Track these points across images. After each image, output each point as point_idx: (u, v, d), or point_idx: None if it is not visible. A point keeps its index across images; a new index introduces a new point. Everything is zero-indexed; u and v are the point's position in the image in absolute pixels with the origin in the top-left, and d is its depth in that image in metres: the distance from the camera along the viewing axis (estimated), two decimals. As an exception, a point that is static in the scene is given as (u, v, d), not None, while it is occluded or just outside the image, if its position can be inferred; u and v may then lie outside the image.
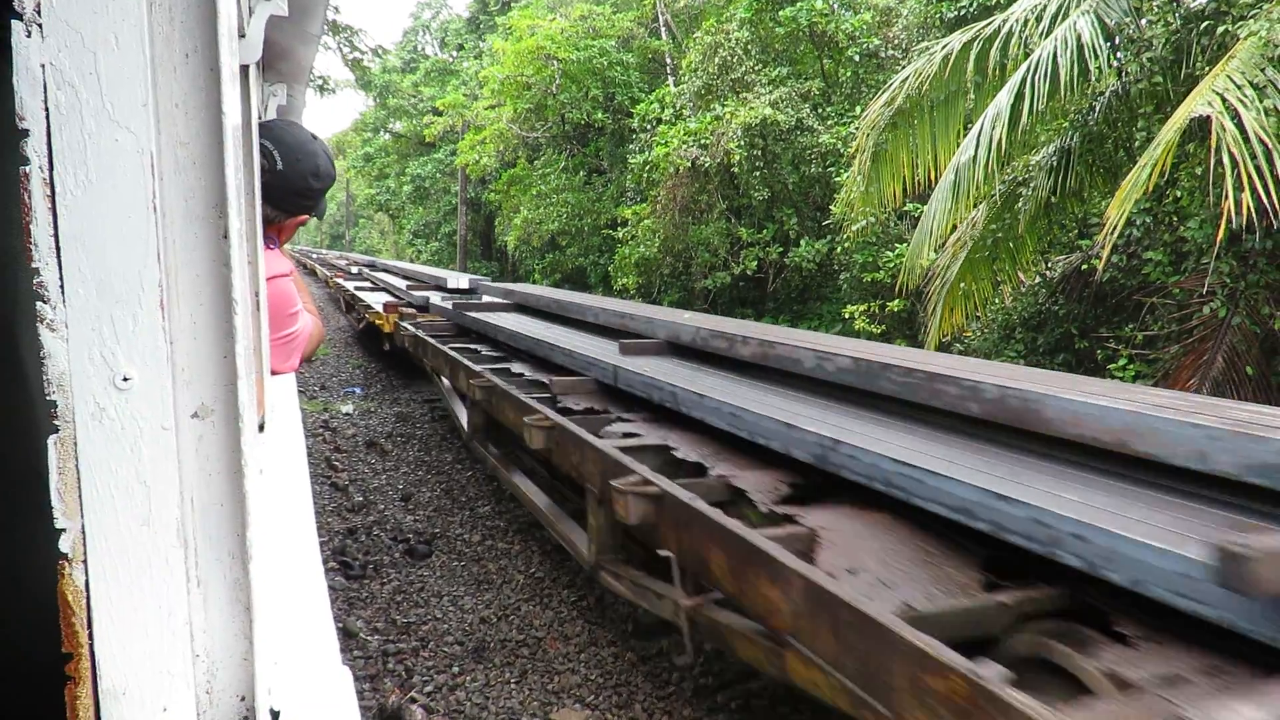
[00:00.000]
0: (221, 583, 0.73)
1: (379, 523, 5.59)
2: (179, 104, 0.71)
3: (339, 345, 14.16)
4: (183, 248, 0.71)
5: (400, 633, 4.11)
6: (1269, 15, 5.11)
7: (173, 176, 0.71)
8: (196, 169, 0.72)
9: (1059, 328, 8.31)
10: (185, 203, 0.72)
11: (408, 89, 33.85)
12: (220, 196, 0.72)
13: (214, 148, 0.72)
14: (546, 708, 3.46)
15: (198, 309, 0.72)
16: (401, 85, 34.22)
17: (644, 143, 16.51)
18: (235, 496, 0.73)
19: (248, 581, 0.73)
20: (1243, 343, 5.86)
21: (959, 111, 7.85)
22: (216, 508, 0.72)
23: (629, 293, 15.73)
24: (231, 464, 0.72)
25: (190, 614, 0.71)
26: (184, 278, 0.71)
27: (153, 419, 0.68)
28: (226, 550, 0.73)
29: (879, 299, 10.99)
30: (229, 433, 0.72)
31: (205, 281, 0.72)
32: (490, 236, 29.59)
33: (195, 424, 0.71)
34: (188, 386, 0.71)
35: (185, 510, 0.71)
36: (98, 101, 0.66)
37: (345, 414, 8.86)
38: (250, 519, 0.73)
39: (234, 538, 0.73)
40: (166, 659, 0.69)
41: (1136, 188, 5.08)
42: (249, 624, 0.74)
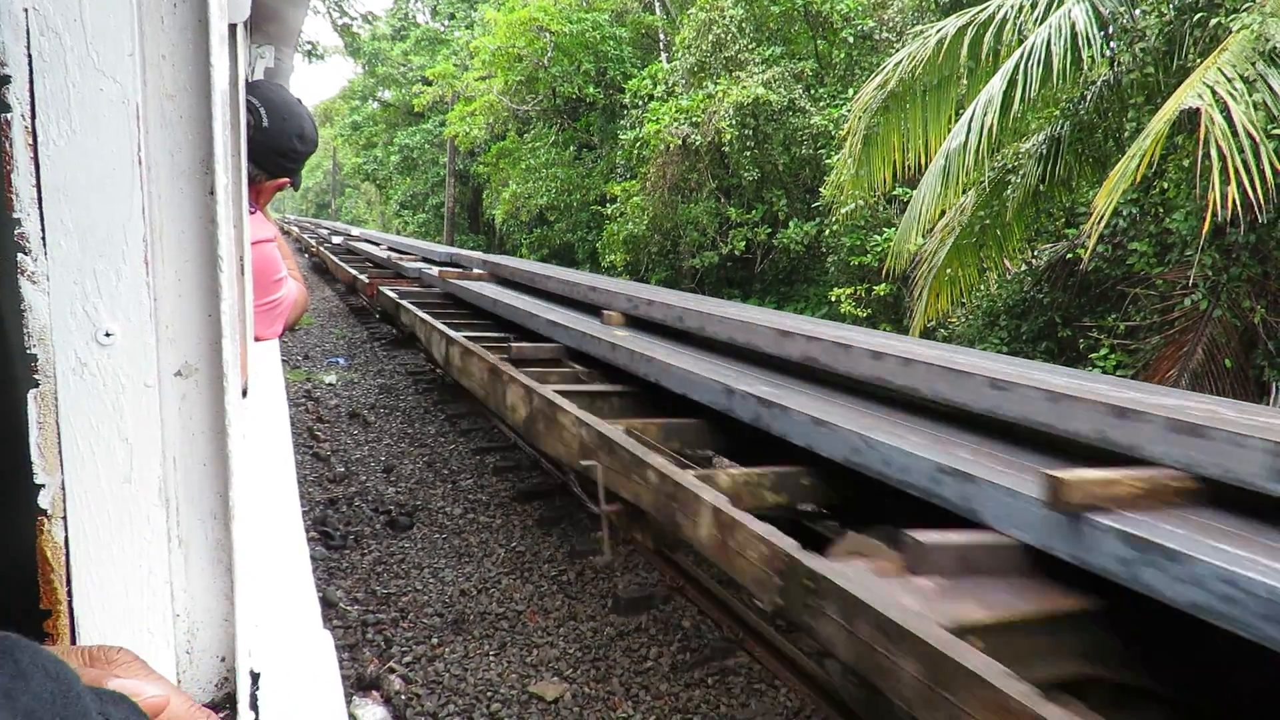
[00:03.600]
0: (203, 543, 0.72)
1: (360, 494, 5.58)
2: (166, 55, 0.69)
3: (323, 315, 14.07)
4: (168, 203, 0.70)
5: (380, 603, 4.11)
6: (1261, 8, 5.12)
7: (159, 130, 0.70)
8: (184, 123, 0.70)
9: (1043, 316, 8.36)
10: (171, 157, 0.70)
11: (397, 57, 33.44)
12: (208, 152, 0.71)
13: (202, 102, 0.70)
14: (525, 680, 3.48)
15: (183, 266, 0.70)
16: (391, 53, 33.79)
17: (635, 119, 16.40)
18: (218, 457, 0.72)
19: (230, 543, 0.72)
20: (1222, 335, 5.92)
21: (951, 97, 7.84)
22: (199, 467, 0.71)
23: (616, 270, 15.69)
24: (215, 424, 0.72)
25: (171, 573, 0.70)
26: (169, 233, 0.70)
27: (135, 376, 0.67)
28: (209, 510, 0.72)
29: (865, 283, 11.02)
30: (213, 392, 0.71)
31: (191, 238, 0.71)
32: (478, 209, 29.40)
33: (179, 382, 0.70)
34: (172, 344, 0.70)
35: (167, 469, 0.70)
36: (82, 49, 0.65)
37: (328, 384, 8.81)
38: (233, 480, 0.72)
39: (216, 498, 0.72)
40: (146, 618, 0.68)
41: (1124, 178, 5.10)
42: (230, 585, 0.73)
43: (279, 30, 2.25)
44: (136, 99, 0.67)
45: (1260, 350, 5.87)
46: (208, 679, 0.74)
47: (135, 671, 0.52)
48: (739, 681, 3.46)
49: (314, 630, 0.87)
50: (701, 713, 3.28)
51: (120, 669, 0.53)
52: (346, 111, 41.04)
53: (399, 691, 3.33)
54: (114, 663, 0.53)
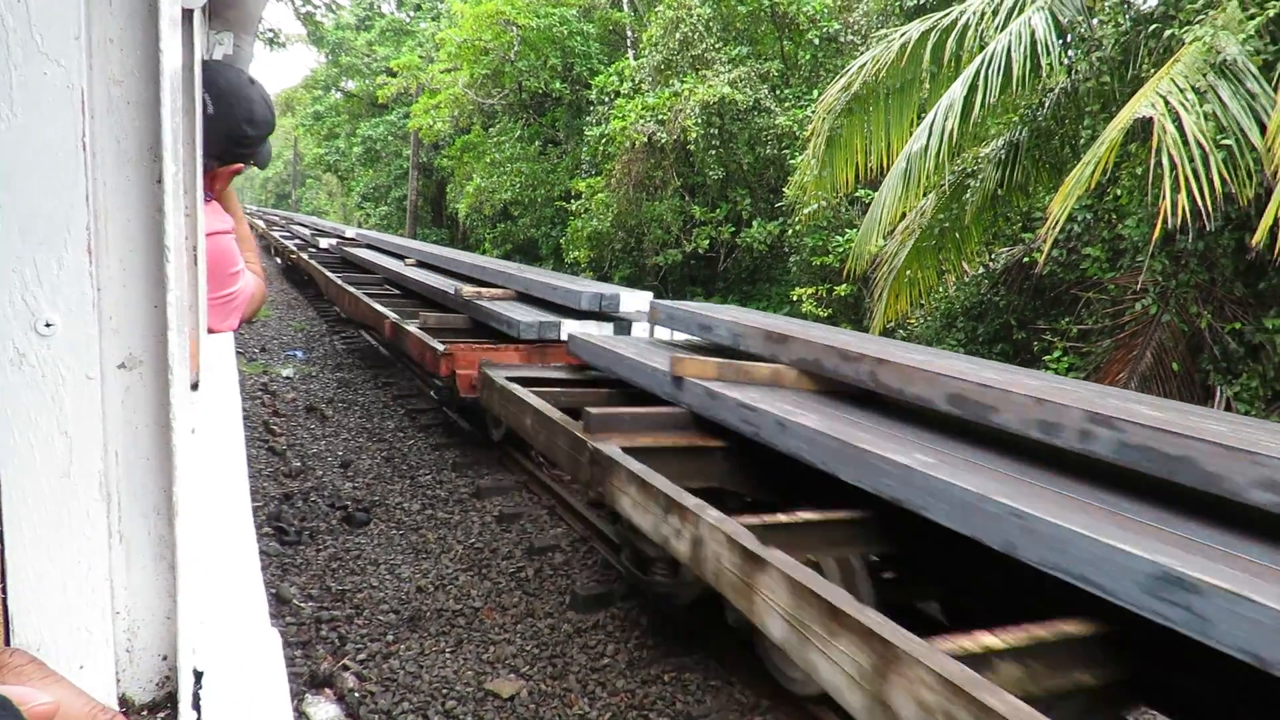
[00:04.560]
0: (145, 539, 0.71)
1: (317, 489, 5.51)
2: (114, 39, 0.68)
3: (280, 307, 13.86)
4: (114, 191, 0.68)
5: (335, 600, 4.07)
6: (1213, 22, 5.25)
7: (105, 116, 0.68)
8: (131, 109, 0.69)
9: (999, 318, 8.50)
10: (118, 143, 0.69)
11: (361, 47, 32.99)
12: (155, 139, 0.69)
13: (150, 87, 0.69)
14: (481, 677, 3.47)
15: (128, 255, 0.69)
16: (355, 43, 33.33)
17: (601, 115, 16.36)
18: (162, 451, 0.70)
19: (173, 539, 0.71)
20: (1171, 340, 6.07)
21: (914, 100, 7.93)
22: (143, 462, 0.70)
23: (580, 266, 15.66)
24: (159, 417, 0.70)
25: (111, 570, 0.69)
26: (114, 222, 0.68)
27: (76, 368, 0.65)
28: (151, 506, 0.70)
29: (827, 283, 11.12)
30: (158, 385, 0.70)
31: (137, 227, 0.69)
32: (441, 203, 29.14)
33: (122, 375, 0.69)
34: (115, 335, 0.68)
35: (109, 463, 0.68)
36: (25, 31, 0.63)
37: (285, 377, 8.68)
38: (178, 475, 0.71)
39: (160, 493, 0.71)
40: (84, 615, 0.67)
41: (1079, 184, 5.20)
42: (173, 582, 0.72)
43: (238, 16, 2.21)
44: (82, 83, 0.65)
45: (1206, 355, 6.03)
46: (148, 678, 0.73)
47: (28, 676, 0.51)
48: (695, 679, 3.48)
49: (261, 628, 0.86)
50: (658, 709, 3.29)
51: (10, 674, 0.51)
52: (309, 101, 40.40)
53: (352, 689, 3.30)
54: (4, 667, 0.51)
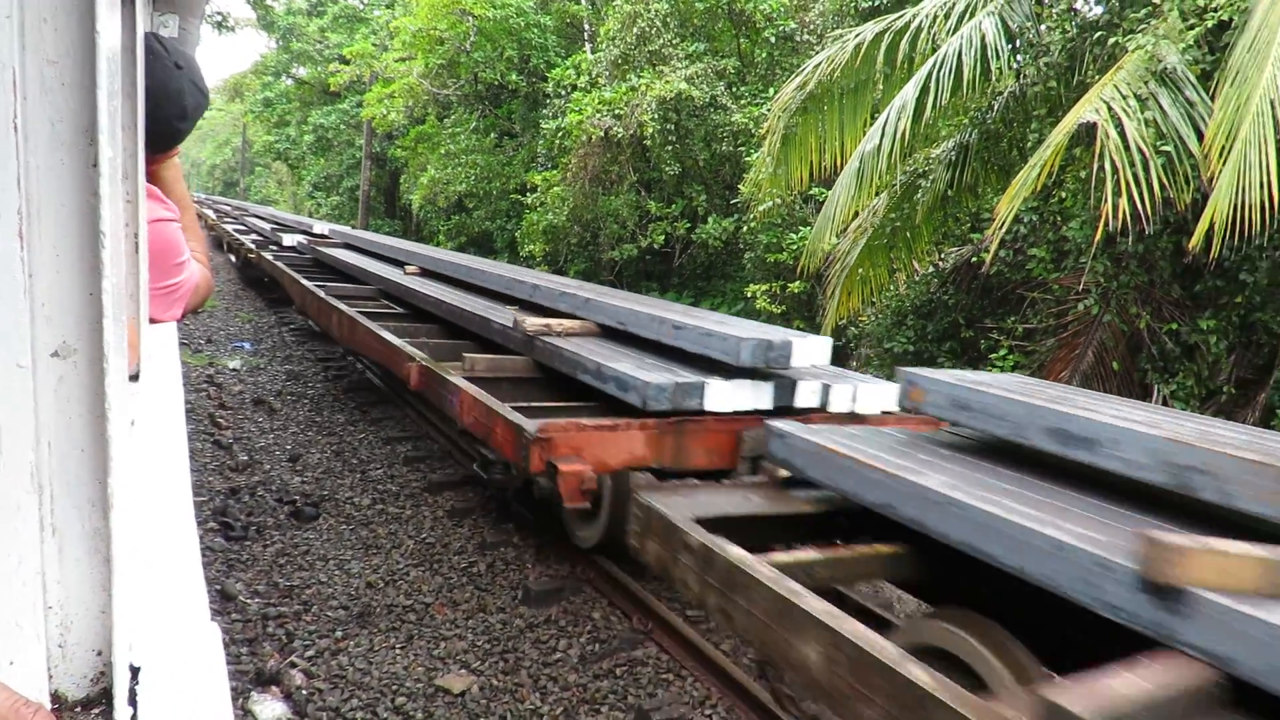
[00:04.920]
0: (79, 532, 0.69)
1: (264, 483, 5.41)
2: (47, 19, 0.66)
3: (227, 297, 13.58)
4: (47, 175, 0.66)
5: (282, 596, 4.00)
6: (1155, 31, 5.40)
7: (38, 97, 0.66)
8: (65, 90, 0.67)
9: (948, 316, 8.66)
10: (51, 126, 0.67)
11: (313, 33, 32.36)
12: (90, 122, 0.67)
13: (85, 69, 0.67)
14: (431, 673, 3.44)
15: (61, 241, 0.67)
16: (307, 29, 32.69)
17: (558, 109, 16.28)
18: (98, 442, 0.69)
19: (108, 531, 0.69)
20: (1111, 339, 6.24)
21: (867, 100, 8.02)
22: (76, 453, 0.68)
23: (535, 260, 15.58)
24: (94, 407, 0.68)
25: (43, 564, 0.67)
26: (47, 207, 0.66)
27: (7, 356, 0.63)
28: (86, 498, 0.69)
29: (781, 280, 11.20)
30: (93, 375, 0.68)
31: (71, 212, 0.67)
32: (395, 194, 28.74)
33: (55, 363, 0.67)
34: (48, 323, 0.66)
35: (41, 454, 0.66)
36: (-48, 8, 0.61)
37: (232, 369, 8.51)
38: (114, 467, 0.69)
39: (95, 485, 0.69)
40: (14, 610, 0.65)
41: (1026, 186, 5.31)
42: (108, 576, 0.70)
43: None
44: (14, 63, 0.63)
45: (1144, 354, 6.21)
46: (82, 673, 0.71)
47: None
48: (646, 672, 3.49)
49: (201, 623, 0.84)
50: (609, 703, 3.30)
51: None
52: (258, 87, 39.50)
53: (300, 686, 3.25)
54: None
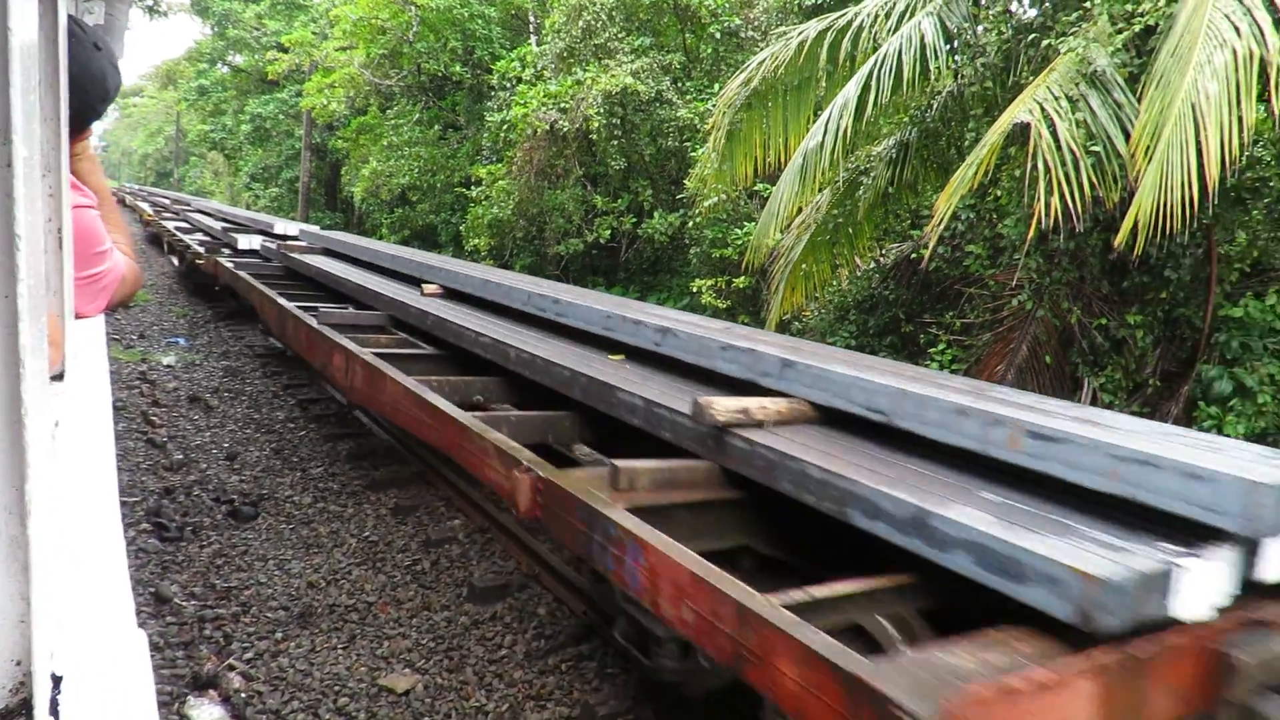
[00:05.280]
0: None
1: (200, 482, 5.29)
2: (-45, 13, 0.64)
3: (161, 291, 13.20)
4: (-43, 174, 0.64)
5: (220, 598, 3.92)
6: (1085, 34, 5.56)
7: (-54, 95, 0.64)
8: (-24, 86, 0.65)
9: (888, 312, 8.82)
10: (-39, 125, 0.65)
11: (250, 20, 31.56)
12: (4, 120, 0.65)
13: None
14: (374, 673, 3.41)
15: (-27, 243, 0.65)
16: (243, 15, 31.86)
17: (503, 101, 16.15)
18: (14, 448, 0.67)
19: (26, 539, 0.68)
20: (1044, 334, 6.42)
21: (810, 98, 8.12)
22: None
23: (480, 254, 15.45)
24: (11, 413, 0.67)
25: (-43, 574, 0.65)
26: (-42, 207, 0.64)
27: (-84, 361, 0.62)
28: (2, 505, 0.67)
29: (726, 275, 11.28)
30: (9, 379, 0.66)
31: (-17, 212, 0.65)
32: (336, 186, 28.22)
33: (-32, 368, 0.65)
34: (-40, 327, 0.64)
35: (-46, 461, 0.65)
36: None
37: (166, 366, 8.28)
38: (31, 472, 0.67)
39: (11, 491, 0.67)
40: (-74, 622, 0.63)
41: (963, 184, 5.43)
42: (27, 584, 0.68)
43: (109, -15, 2.08)
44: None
45: (1075, 348, 6.40)
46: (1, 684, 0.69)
47: None
48: (592, 667, 3.50)
49: (127, 630, 0.82)
50: (555, 699, 3.30)
51: None
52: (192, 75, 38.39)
53: (238, 689, 3.19)
54: None
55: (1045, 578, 1.66)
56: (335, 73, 21.29)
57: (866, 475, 2.14)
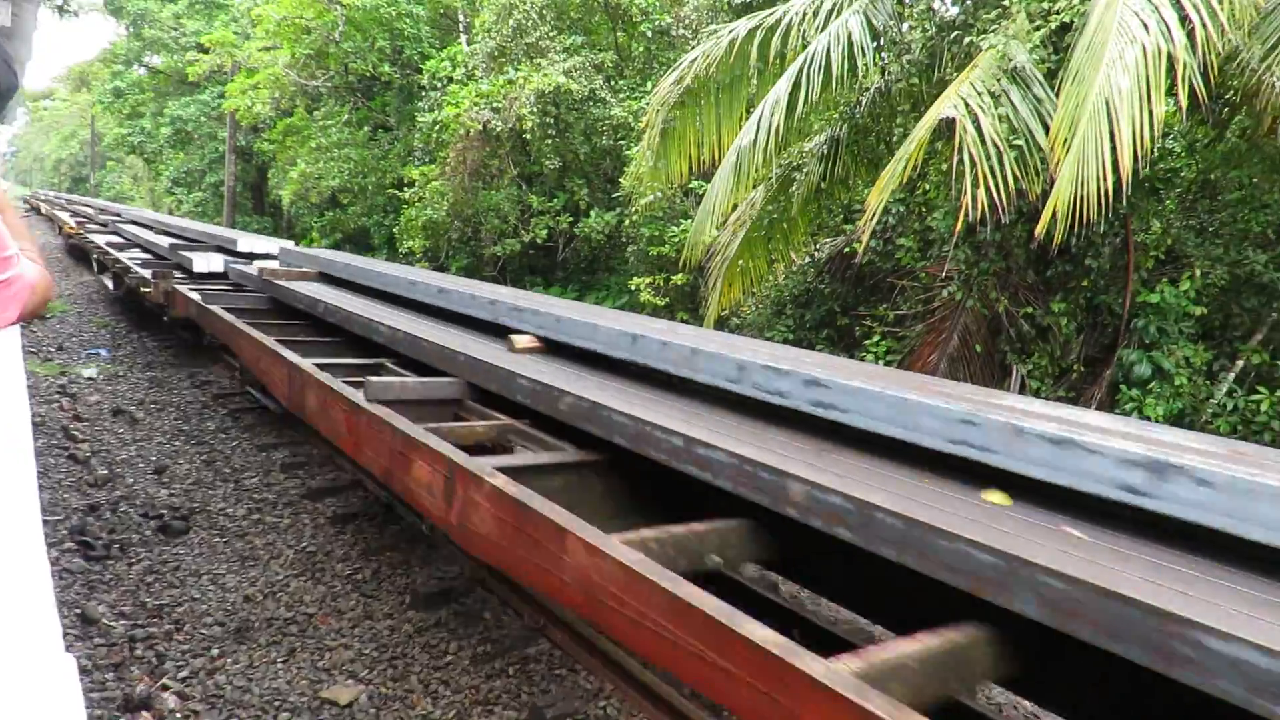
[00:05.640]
0: (-94, 565, 0.64)
1: (127, 498, 5.10)
2: None
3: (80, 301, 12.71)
4: None
5: (151, 616, 3.79)
6: (1005, 31, 5.73)
7: None
8: None
9: (824, 305, 8.97)
10: None
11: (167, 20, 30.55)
12: (-97, 120, 0.62)
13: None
14: (316, 686, 3.33)
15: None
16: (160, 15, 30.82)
17: (434, 101, 15.94)
18: (-76, 467, 0.64)
19: (-60, 562, 0.64)
20: (974, 323, 6.60)
21: (742, 95, 8.19)
22: (-101, 480, 0.63)
23: (414, 256, 15.24)
24: (-81, 430, 0.63)
25: None
26: None
27: None
28: (-87, 528, 0.64)
29: (664, 272, 11.33)
30: (-84, 394, 0.63)
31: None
32: (263, 189, 27.53)
33: None
34: None
35: None
36: None
37: (88, 378, 7.98)
38: (-56, 492, 0.64)
39: (-78, 513, 0.64)
40: None
41: (893, 179, 5.55)
42: (-57, 610, 0.65)
43: (15, -19, 1.99)
44: None
45: (1004, 336, 6.60)
46: (-84, 717, 0.66)
47: None
48: (539, 669, 3.49)
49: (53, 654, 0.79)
50: (503, 703, 3.27)
51: None
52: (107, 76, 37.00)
53: (173, 710, 3.09)
54: None
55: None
56: (259, 73, 20.76)
57: (576, 385, 2.87)
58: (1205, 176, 7.10)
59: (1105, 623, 1.38)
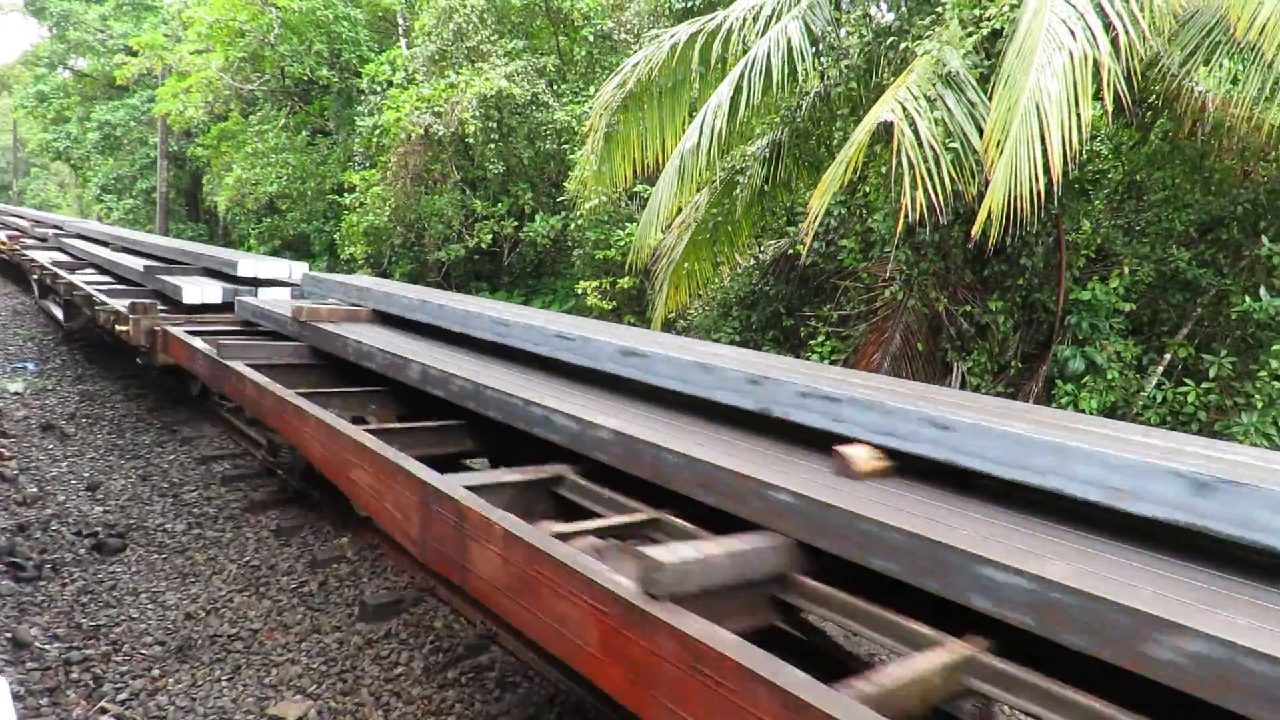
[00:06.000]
0: None
1: (59, 516, 4.93)
2: None
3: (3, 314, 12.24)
4: None
5: (87, 637, 3.67)
6: (939, 37, 5.86)
7: None
8: None
9: (770, 307, 9.06)
10: None
11: (93, 22, 29.59)
12: None
13: None
14: (263, 703, 3.27)
15: None
16: (85, 17, 29.83)
17: (374, 105, 15.71)
18: None
19: None
20: (915, 322, 6.73)
21: (685, 99, 8.23)
22: None
23: (356, 263, 15.00)
24: None
25: None
26: None
27: None
28: None
29: (610, 276, 11.34)
30: None
31: None
32: (197, 196, 26.85)
33: None
34: None
35: None
36: None
37: (14, 393, 7.68)
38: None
39: None
40: None
41: (834, 182, 5.63)
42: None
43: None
44: None
45: (944, 335, 6.75)
46: None
47: None
48: (493, 676, 3.46)
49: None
50: (456, 712, 3.24)
51: None
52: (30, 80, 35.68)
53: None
54: None
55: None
56: (191, 77, 20.22)
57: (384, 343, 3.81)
58: (1131, 178, 7.36)
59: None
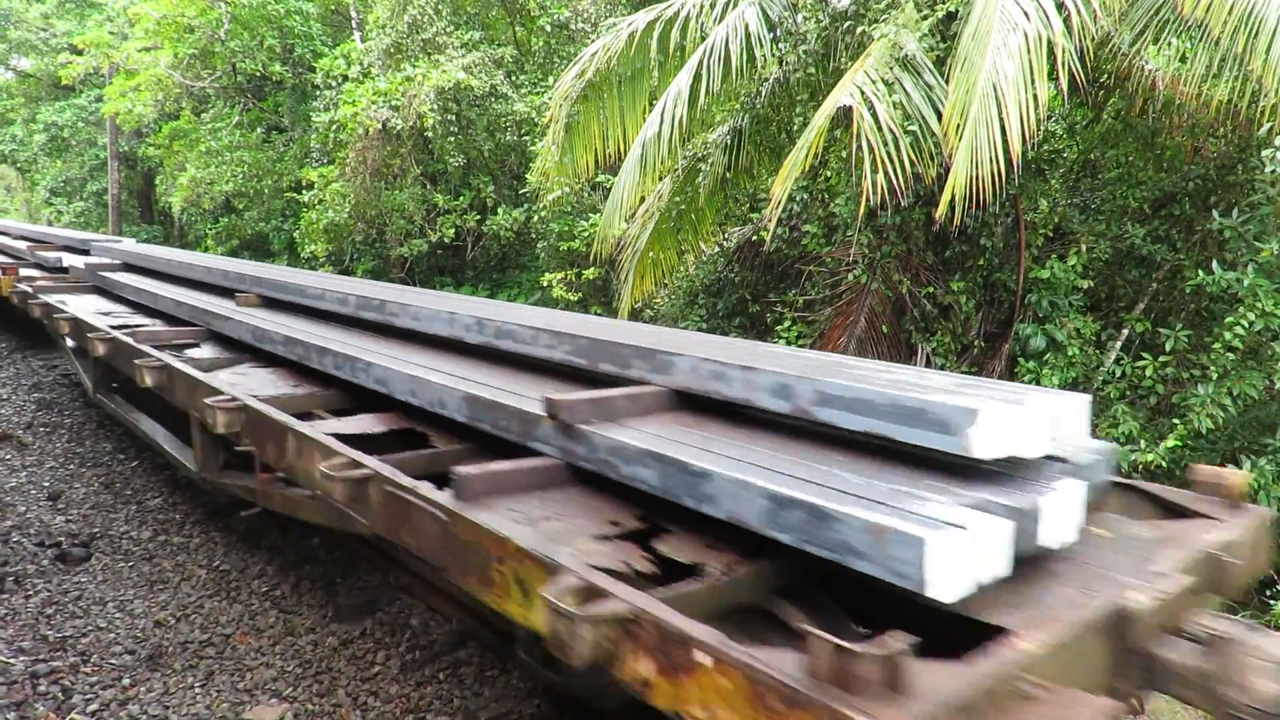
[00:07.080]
0: None
1: (19, 527, 4.83)
2: None
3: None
4: None
5: (53, 649, 3.61)
6: (895, 20, 5.90)
7: None
8: None
9: (735, 293, 9.10)
10: None
11: (35, 20, 28.78)
12: None
13: None
14: (238, 708, 3.23)
15: None
16: (26, 15, 29.00)
17: (329, 100, 15.47)
18: None
19: None
20: (879, 305, 6.80)
21: (645, 88, 8.21)
22: None
23: (318, 260, 14.80)
24: None
25: None
26: None
27: None
28: None
29: (575, 267, 11.30)
30: None
31: None
32: (151, 197, 26.30)
33: None
34: None
35: None
36: None
37: (-33, 404, 7.48)
38: None
39: None
40: None
41: (795, 167, 5.66)
42: None
43: None
44: None
45: (908, 317, 6.82)
46: None
47: None
48: (470, 672, 3.46)
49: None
50: (434, 709, 3.23)
51: None
52: (-30, 81, 34.65)
53: (84, 745, 2.95)
54: None
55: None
56: (139, 75, 19.74)
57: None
58: (1086, 156, 7.48)
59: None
